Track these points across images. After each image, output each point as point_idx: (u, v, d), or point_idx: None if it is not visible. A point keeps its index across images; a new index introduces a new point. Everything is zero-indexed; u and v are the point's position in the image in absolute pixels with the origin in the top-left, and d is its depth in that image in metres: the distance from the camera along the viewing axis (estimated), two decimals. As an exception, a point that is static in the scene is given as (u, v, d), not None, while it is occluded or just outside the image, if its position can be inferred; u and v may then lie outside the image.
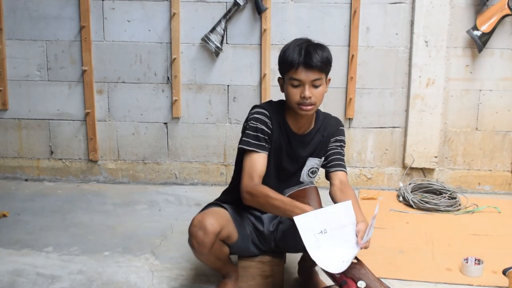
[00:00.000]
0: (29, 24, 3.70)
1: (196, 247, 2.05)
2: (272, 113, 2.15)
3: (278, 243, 2.29)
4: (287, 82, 2.08)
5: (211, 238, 2.03)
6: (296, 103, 2.07)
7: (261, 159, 2.11)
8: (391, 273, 2.51)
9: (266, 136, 2.12)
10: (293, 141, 2.19)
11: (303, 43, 2.06)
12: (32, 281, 2.45)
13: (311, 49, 2.03)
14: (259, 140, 2.11)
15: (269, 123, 2.13)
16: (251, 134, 2.11)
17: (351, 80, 3.63)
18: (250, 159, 2.10)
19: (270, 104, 2.22)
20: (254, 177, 2.07)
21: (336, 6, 3.57)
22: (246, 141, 2.11)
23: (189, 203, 3.51)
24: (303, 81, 2.04)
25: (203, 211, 2.16)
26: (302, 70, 2.03)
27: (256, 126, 2.12)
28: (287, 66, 2.05)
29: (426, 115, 3.63)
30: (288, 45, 2.09)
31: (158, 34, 3.67)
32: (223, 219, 2.12)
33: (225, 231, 2.11)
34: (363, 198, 3.54)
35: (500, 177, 3.73)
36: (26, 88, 3.80)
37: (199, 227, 2.03)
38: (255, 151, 2.10)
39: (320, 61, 2.03)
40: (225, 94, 3.74)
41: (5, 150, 3.90)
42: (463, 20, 3.54)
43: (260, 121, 2.12)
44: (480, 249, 2.78)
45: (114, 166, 3.88)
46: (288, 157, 2.21)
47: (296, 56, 2.02)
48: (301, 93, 2.05)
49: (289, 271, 2.51)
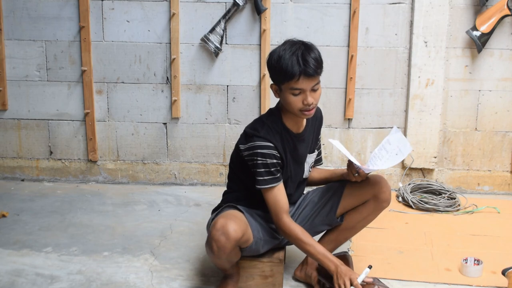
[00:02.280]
0: (29, 24, 3.70)
1: (215, 251, 2.04)
2: (272, 136, 2.14)
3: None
4: (286, 91, 2.07)
5: (233, 244, 2.04)
6: (298, 110, 2.09)
7: (280, 190, 2.16)
8: (391, 273, 2.52)
9: (278, 167, 2.15)
10: (296, 142, 2.22)
11: (297, 51, 2.03)
12: (31, 281, 2.45)
13: (307, 56, 2.02)
14: (273, 174, 2.13)
15: (276, 152, 2.13)
16: (264, 171, 2.12)
17: (351, 81, 3.63)
18: (271, 195, 2.15)
19: (261, 123, 2.17)
20: (282, 214, 2.14)
21: (335, 7, 3.57)
22: (263, 181, 2.13)
23: (189, 203, 3.51)
24: (304, 89, 2.05)
25: (225, 216, 2.12)
26: (303, 80, 2.03)
27: (266, 162, 2.11)
28: (286, 77, 2.03)
29: (425, 116, 3.63)
30: (280, 53, 2.05)
31: (158, 34, 3.67)
32: (243, 224, 2.12)
33: (244, 236, 2.12)
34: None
35: (499, 178, 3.74)
36: (26, 88, 3.80)
37: (222, 232, 2.02)
38: (274, 186, 2.14)
39: (317, 67, 2.05)
40: (225, 95, 3.74)
41: (4, 150, 3.90)
42: (462, 20, 3.54)
43: (267, 156, 2.11)
44: (480, 250, 2.78)
45: (114, 166, 3.88)
46: (294, 160, 2.25)
47: (296, 67, 2.01)
48: (303, 100, 2.06)
49: (289, 271, 2.52)
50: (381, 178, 2.28)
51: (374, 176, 2.29)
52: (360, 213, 2.31)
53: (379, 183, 2.26)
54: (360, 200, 2.29)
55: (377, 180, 2.27)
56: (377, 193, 2.25)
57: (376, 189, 2.25)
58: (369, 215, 2.32)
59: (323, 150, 3.73)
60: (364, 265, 2.57)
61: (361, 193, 2.28)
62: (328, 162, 3.76)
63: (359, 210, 2.31)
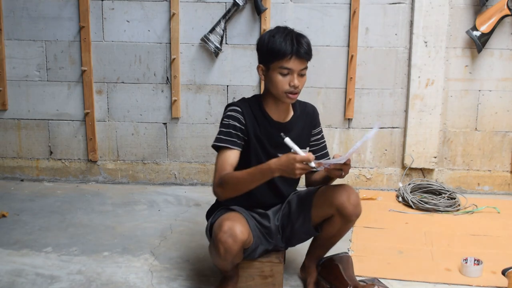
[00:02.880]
0: (29, 24, 3.70)
1: (222, 253, 2.04)
2: (245, 108, 2.18)
3: (286, 234, 2.31)
4: (274, 71, 2.09)
5: (239, 245, 2.04)
6: (284, 92, 2.10)
7: (233, 154, 2.13)
8: (391, 273, 2.52)
9: (238, 132, 2.15)
10: (275, 129, 2.20)
11: (291, 32, 2.09)
12: (31, 281, 2.45)
13: (300, 38, 2.09)
14: (231, 136, 2.14)
15: (242, 118, 2.16)
16: (223, 131, 2.15)
17: (351, 81, 3.63)
18: (221, 155, 2.13)
19: (243, 100, 2.25)
20: (223, 170, 2.08)
21: (335, 7, 3.57)
22: (218, 138, 2.15)
23: (189, 203, 3.51)
24: (293, 70, 2.08)
25: (227, 217, 2.11)
26: (295, 60, 2.06)
27: (229, 123, 2.15)
28: (277, 55, 2.06)
29: (425, 116, 3.63)
30: (271, 33, 2.09)
31: (158, 34, 3.67)
32: (247, 226, 2.13)
33: (249, 238, 2.12)
34: (362, 198, 3.53)
35: (499, 178, 3.74)
36: (26, 88, 3.80)
37: (230, 234, 2.02)
38: (227, 147, 2.13)
39: (309, 51, 2.10)
40: (225, 95, 3.74)
41: (4, 150, 3.90)
42: (462, 20, 3.54)
43: (232, 118, 2.16)
44: (480, 250, 2.78)
45: (114, 166, 3.88)
46: (274, 146, 2.21)
47: (289, 45, 2.04)
48: (290, 81, 2.08)
49: (289, 271, 2.51)
50: (342, 192, 2.13)
51: (338, 190, 2.14)
52: (332, 227, 2.21)
53: (340, 198, 2.12)
54: (326, 214, 2.19)
55: (338, 195, 2.12)
56: (340, 209, 2.12)
57: (338, 204, 2.12)
58: (340, 229, 2.21)
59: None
60: (364, 265, 2.58)
61: (325, 208, 2.18)
62: (328, 162, 3.75)
63: (330, 223, 2.21)
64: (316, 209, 2.21)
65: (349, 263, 2.31)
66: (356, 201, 2.14)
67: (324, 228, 2.25)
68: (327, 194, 2.16)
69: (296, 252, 2.56)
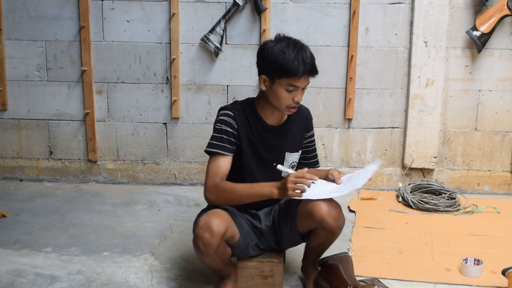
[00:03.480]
0: (29, 24, 3.70)
1: (202, 249, 2.05)
2: (237, 112, 2.19)
3: (277, 237, 2.31)
4: (281, 86, 2.09)
5: (218, 239, 2.04)
6: (286, 106, 2.12)
7: (225, 161, 2.16)
8: (391, 273, 2.52)
9: (230, 137, 2.16)
10: (268, 133, 2.22)
11: (300, 49, 2.08)
12: (31, 281, 2.45)
13: (312, 57, 2.09)
14: (223, 141, 2.15)
15: (234, 123, 2.17)
16: (216, 136, 2.17)
17: (351, 81, 3.63)
18: (214, 161, 2.16)
19: (235, 103, 2.26)
20: (216, 178, 2.13)
21: (335, 7, 3.57)
22: (210, 144, 2.18)
23: (189, 203, 3.50)
24: (299, 87, 2.10)
25: (207, 213, 2.14)
26: (304, 79, 2.08)
27: (221, 128, 2.17)
28: (289, 73, 2.05)
29: (425, 116, 3.63)
30: (281, 48, 2.07)
31: (158, 34, 3.67)
32: (226, 219, 2.13)
33: (229, 231, 2.12)
34: (362, 198, 3.54)
35: (499, 178, 3.74)
36: (26, 88, 3.80)
37: (206, 228, 2.03)
38: (219, 153, 2.16)
39: (316, 67, 2.11)
40: (225, 95, 3.74)
41: (4, 150, 3.90)
42: (462, 20, 3.54)
43: (224, 123, 2.17)
44: (480, 250, 2.78)
45: (114, 166, 3.88)
46: (266, 150, 2.23)
47: (301, 65, 2.05)
48: (294, 97, 2.10)
49: (289, 271, 2.51)
50: (322, 206, 2.08)
51: (318, 203, 2.09)
52: (318, 238, 2.22)
53: (320, 212, 2.08)
54: (310, 226, 2.19)
55: (318, 209, 2.08)
56: (321, 223, 2.10)
57: (319, 218, 2.09)
58: (326, 240, 2.22)
59: (323, 150, 3.73)
60: (364, 265, 2.58)
61: (307, 221, 2.17)
62: (328, 162, 3.76)
63: (316, 234, 2.21)
64: (300, 219, 2.22)
65: (349, 263, 2.31)
66: (337, 213, 2.10)
67: (310, 238, 2.26)
68: (308, 207, 2.12)
69: (296, 252, 2.56)
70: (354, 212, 3.29)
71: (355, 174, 2.15)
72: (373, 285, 2.21)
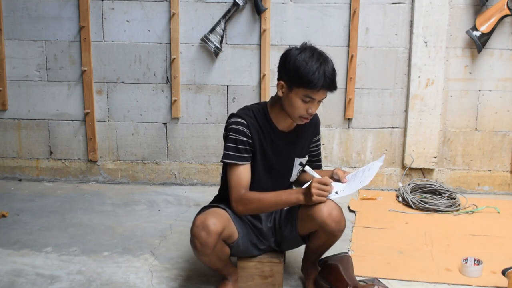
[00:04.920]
0: (29, 24, 3.70)
1: (199, 248, 2.06)
2: (250, 119, 2.18)
3: (277, 238, 2.32)
4: (297, 95, 2.08)
5: (214, 238, 2.04)
6: (299, 116, 2.12)
7: (245, 170, 2.16)
8: (391, 273, 2.52)
9: (246, 146, 2.15)
10: (279, 139, 2.22)
11: (323, 62, 2.07)
12: (31, 281, 2.45)
13: (334, 72, 2.10)
14: (240, 151, 2.15)
15: (248, 132, 2.16)
16: (231, 146, 2.15)
17: (351, 81, 3.63)
18: (234, 172, 2.16)
19: (247, 109, 2.23)
20: (241, 189, 2.14)
21: (335, 7, 3.57)
22: (227, 155, 2.16)
23: (189, 203, 3.50)
24: (315, 100, 2.09)
25: (204, 212, 2.16)
26: (322, 92, 2.08)
27: (236, 138, 2.15)
28: (308, 84, 2.04)
29: (425, 116, 3.63)
30: (305, 58, 2.06)
31: (158, 34, 3.67)
32: (224, 219, 2.13)
33: (226, 230, 2.12)
34: (362, 198, 3.54)
35: (499, 178, 3.74)
36: (26, 88, 3.80)
37: (202, 227, 2.04)
38: (237, 164, 2.15)
39: (336, 83, 2.12)
40: (225, 95, 3.74)
41: (4, 150, 3.90)
42: (462, 20, 3.54)
43: (238, 132, 2.15)
44: (480, 250, 2.78)
45: (114, 166, 3.88)
46: (276, 155, 2.24)
47: (322, 79, 2.04)
48: (308, 108, 2.10)
49: (289, 271, 2.52)
50: (323, 209, 2.07)
51: (319, 206, 2.08)
52: (318, 240, 2.22)
53: (321, 215, 2.07)
54: (311, 228, 2.19)
55: (319, 212, 2.08)
56: (322, 226, 2.09)
57: (320, 221, 2.08)
58: (326, 242, 2.23)
59: (323, 150, 3.73)
60: (364, 265, 2.58)
61: (308, 223, 2.17)
62: (328, 162, 3.76)
63: (316, 236, 2.21)
64: (301, 222, 2.22)
65: (349, 263, 2.31)
66: (338, 216, 2.09)
67: (311, 239, 2.27)
68: (309, 210, 2.11)
69: (296, 252, 2.56)
70: (354, 212, 3.29)
71: (359, 171, 2.17)
72: (373, 285, 2.21)
